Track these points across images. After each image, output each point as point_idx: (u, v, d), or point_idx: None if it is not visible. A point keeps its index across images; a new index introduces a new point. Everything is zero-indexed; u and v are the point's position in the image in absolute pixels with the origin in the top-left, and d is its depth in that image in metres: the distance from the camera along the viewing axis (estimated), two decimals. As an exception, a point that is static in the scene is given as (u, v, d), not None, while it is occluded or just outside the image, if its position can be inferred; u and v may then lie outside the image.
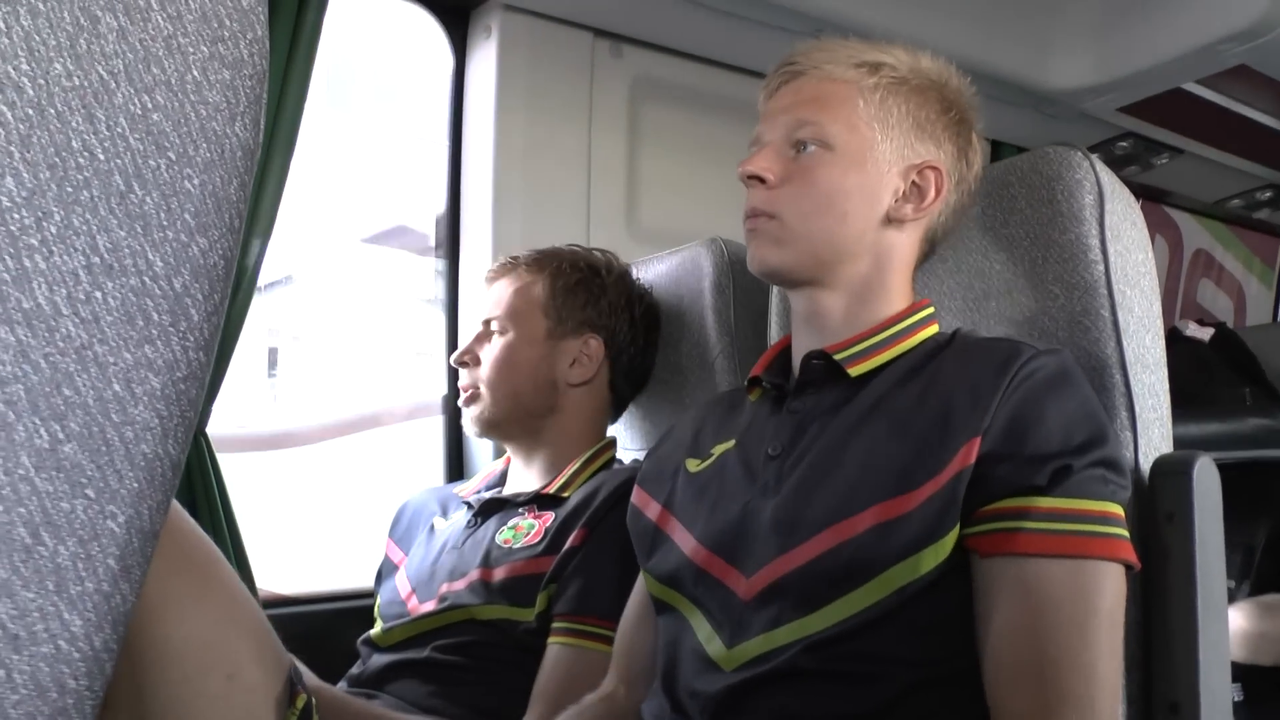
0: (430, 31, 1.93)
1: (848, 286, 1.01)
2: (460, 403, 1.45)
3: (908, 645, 0.87)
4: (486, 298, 1.48)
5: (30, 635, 0.48)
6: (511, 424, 1.42)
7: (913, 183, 1.01)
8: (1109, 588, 0.84)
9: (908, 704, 0.86)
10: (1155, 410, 1.06)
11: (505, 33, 1.87)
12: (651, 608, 1.08)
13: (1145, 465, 1.03)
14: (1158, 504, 1.00)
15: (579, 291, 1.44)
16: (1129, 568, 0.86)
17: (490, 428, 1.42)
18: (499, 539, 1.32)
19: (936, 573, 0.85)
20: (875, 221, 1.00)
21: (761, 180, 1.00)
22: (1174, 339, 2.42)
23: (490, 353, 1.42)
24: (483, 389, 1.41)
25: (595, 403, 1.46)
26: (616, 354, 1.46)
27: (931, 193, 1.02)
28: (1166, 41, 2.14)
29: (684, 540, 1.02)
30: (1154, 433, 1.05)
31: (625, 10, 1.90)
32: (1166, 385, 1.10)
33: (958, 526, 0.85)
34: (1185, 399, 1.40)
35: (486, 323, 1.45)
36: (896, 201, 1.01)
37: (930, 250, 1.07)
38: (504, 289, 1.45)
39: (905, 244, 1.03)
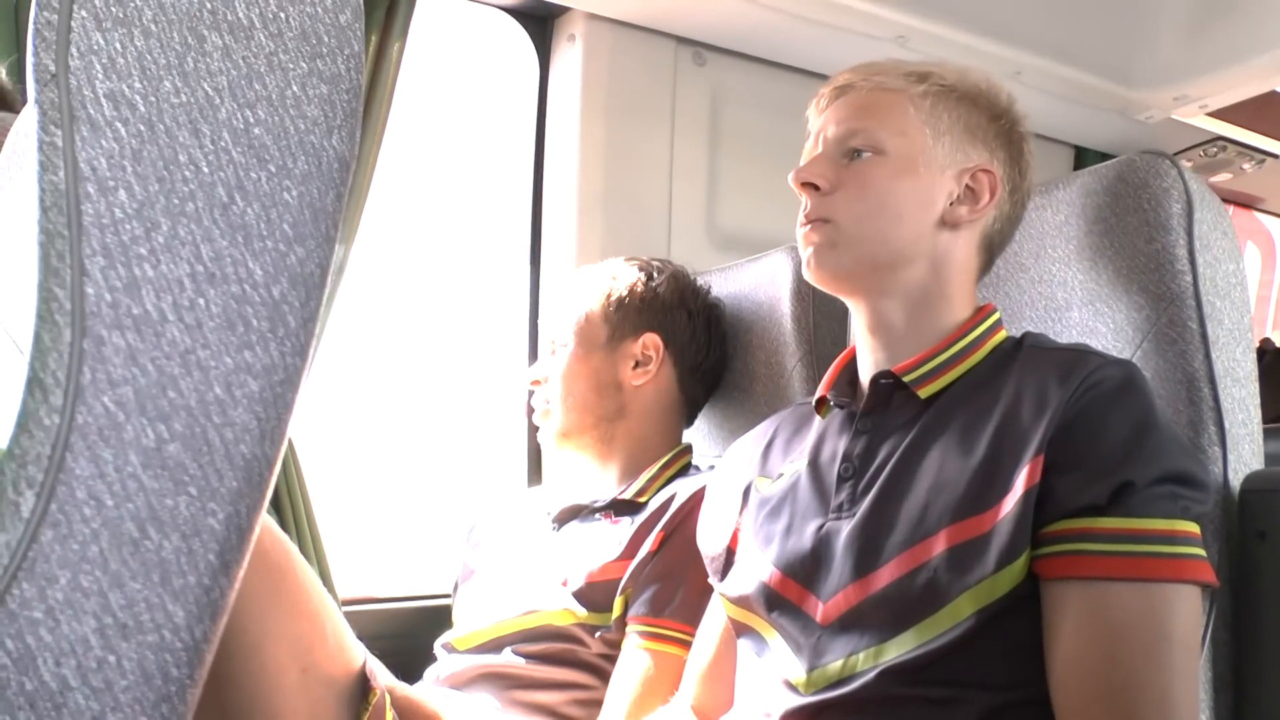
0: (515, 39, 1.96)
1: (906, 293, 1.01)
2: (535, 420, 1.50)
3: (987, 669, 0.85)
4: (552, 324, 1.53)
5: (138, 624, 0.50)
6: (583, 433, 1.45)
7: (966, 186, 1.01)
8: (1181, 610, 0.81)
9: None
10: (1245, 425, 1.03)
11: (589, 40, 1.89)
12: (728, 630, 1.08)
13: (1235, 482, 1.00)
14: (1248, 522, 0.98)
15: (633, 294, 1.47)
16: (1208, 587, 0.84)
17: (564, 438, 1.46)
18: (577, 546, 1.33)
19: (1013, 595, 0.84)
20: (930, 225, 1.00)
21: (815, 187, 1.01)
22: (1267, 352, 2.36)
23: (555, 368, 1.46)
24: (552, 403, 1.45)
25: (665, 402, 1.47)
26: (679, 350, 1.47)
27: (986, 195, 1.01)
28: (1258, 43, 2.08)
29: (758, 562, 1.02)
30: (1244, 448, 1.03)
31: (708, 18, 1.91)
32: (1257, 400, 1.07)
33: (1029, 548, 0.84)
34: (1278, 415, 1.37)
35: (551, 341, 1.50)
36: (951, 205, 1.01)
37: (989, 260, 1.06)
38: (563, 309, 1.50)
39: (962, 248, 1.02)
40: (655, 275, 1.49)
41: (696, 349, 1.50)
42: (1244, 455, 1.02)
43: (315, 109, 0.62)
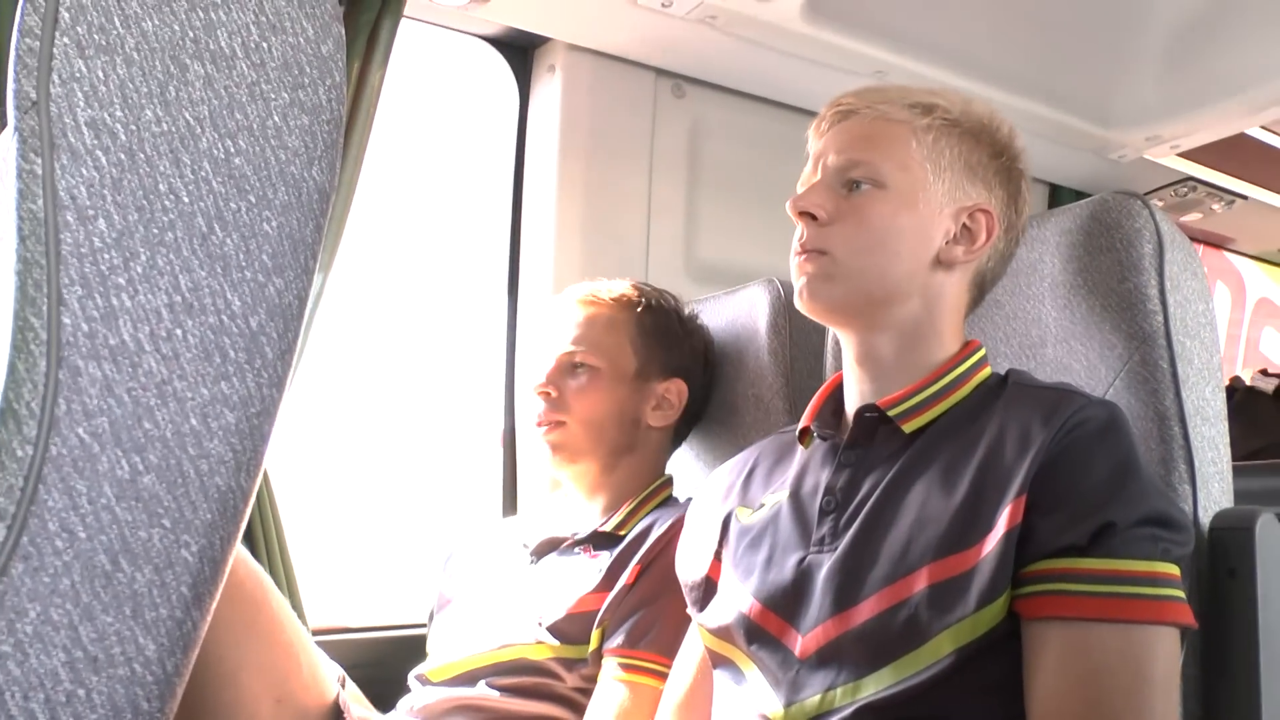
0: (495, 69, 1.97)
1: (898, 328, 1.01)
2: (541, 432, 1.42)
3: (965, 708, 0.85)
4: (563, 326, 1.45)
5: (108, 658, 0.50)
6: (591, 458, 1.41)
7: (964, 225, 1.00)
8: (1161, 652, 0.81)
9: None
10: (1215, 464, 1.04)
11: (569, 71, 1.90)
12: (705, 661, 1.08)
13: (1205, 520, 1.01)
14: (1218, 560, 0.99)
15: (667, 335, 1.45)
16: (1185, 629, 0.83)
17: (572, 456, 1.40)
18: (554, 579, 1.32)
19: (994, 634, 0.83)
20: (926, 262, 1.00)
21: (813, 217, 1.00)
22: (1237, 390, 2.38)
23: (578, 386, 1.41)
24: (569, 420, 1.39)
25: (665, 443, 1.47)
26: (692, 399, 1.47)
27: (982, 236, 1.01)
28: (1229, 85, 2.12)
29: (737, 593, 1.01)
30: (1214, 487, 1.03)
31: (688, 51, 1.92)
32: (1227, 439, 1.08)
33: (1010, 587, 0.83)
34: (1248, 453, 1.38)
35: (570, 354, 1.42)
36: (947, 243, 1.00)
37: (979, 296, 1.07)
38: (589, 322, 1.44)
39: (955, 287, 1.03)
40: (685, 319, 1.48)
41: (703, 399, 1.50)
42: (1213, 493, 1.03)
43: (296, 139, 0.62)
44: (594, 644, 1.24)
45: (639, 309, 1.45)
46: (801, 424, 1.09)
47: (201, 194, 0.58)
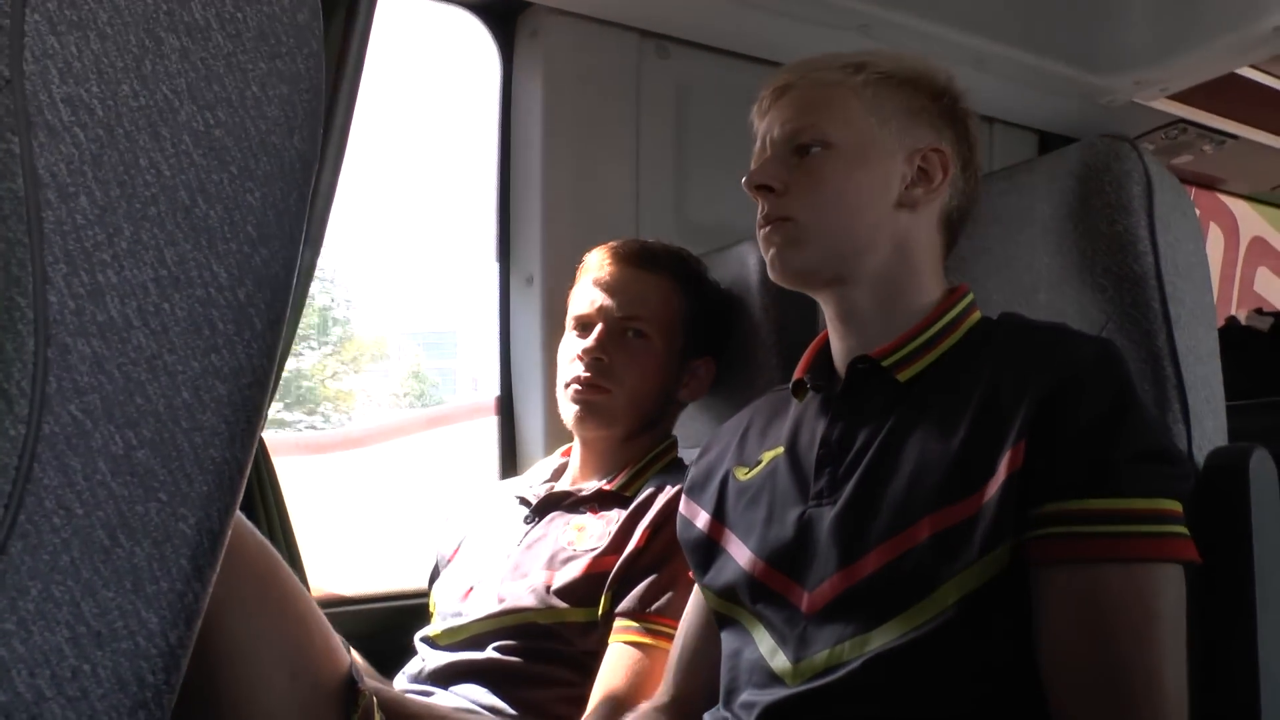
0: (477, 36, 1.95)
1: (873, 280, 1.01)
2: (581, 398, 1.39)
3: (974, 655, 0.85)
4: (613, 288, 1.42)
5: (111, 632, 0.50)
6: (626, 426, 1.41)
7: (919, 168, 1.02)
8: (1168, 590, 0.82)
9: (977, 716, 0.85)
10: (1209, 403, 1.05)
11: (551, 35, 1.88)
12: (710, 621, 1.08)
13: (1199, 459, 1.02)
14: (1213, 499, 0.99)
15: (713, 317, 1.46)
16: (1190, 565, 0.84)
17: (609, 422, 1.39)
18: (563, 540, 1.32)
19: (1000, 580, 0.84)
20: (888, 209, 1.01)
21: (769, 189, 1.02)
22: (1231, 329, 2.39)
23: (633, 357, 1.40)
24: (618, 391, 1.38)
25: (678, 410, 1.50)
26: (715, 374, 1.48)
27: (939, 174, 1.02)
28: (1216, 26, 2.11)
29: (739, 553, 1.02)
30: (1207, 425, 1.04)
31: (671, 11, 1.91)
32: (1220, 377, 1.08)
33: (1014, 532, 0.84)
34: (1243, 391, 1.38)
35: (624, 320, 1.40)
36: (906, 188, 1.01)
37: (951, 239, 1.07)
38: (646, 290, 1.42)
39: (923, 228, 1.03)
40: (727, 301, 1.49)
41: (717, 372, 1.51)
42: (1207, 431, 1.04)
43: (276, 109, 0.62)
44: (604, 607, 1.25)
45: (692, 284, 1.44)
46: (794, 377, 1.09)
47: (183, 167, 0.57)
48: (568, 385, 1.40)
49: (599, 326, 1.40)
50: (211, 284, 0.57)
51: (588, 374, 1.38)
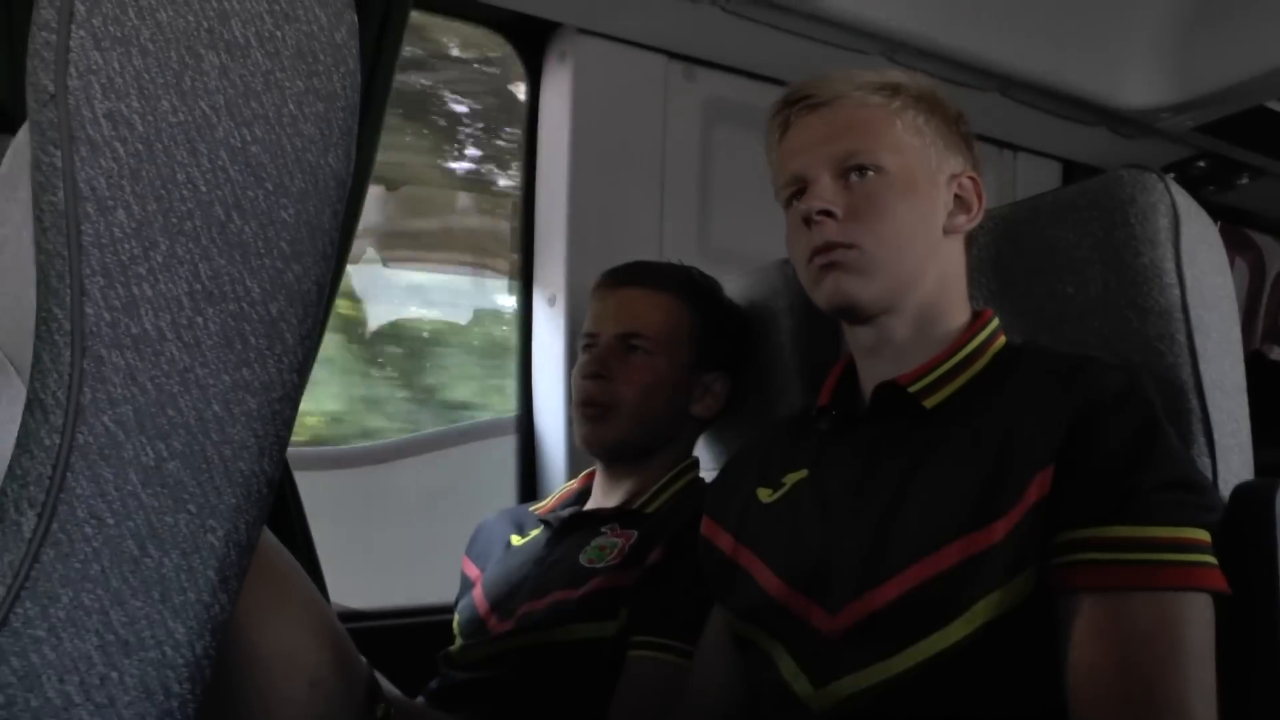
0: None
1: (917, 310, 1.00)
2: (585, 416, 1.40)
3: (998, 682, 0.85)
4: (614, 306, 1.44)
5: (139, 641, 0.51)
6: (637, 447, 1.41)
7: (955, 195, 1.02)
8: (1197, 619, 0.80)
9: None
10: (1235, 436, 1.04)
11: (580, 57, 1.90)
12: (728, 643, 1.07)
13: (1224, 493, 1.01)
14: (1238, 534, 0.98)
15: (724, 331, 1.46)
16: (1219, 595, 0.82)
17: (618, 448, 1.40)
18: (582, 559, 1.32)
19: (1024, 607, 0.83)
20: (937, 238, 1.01)
21: (830, 215, 0.98)
22: (1257, 364, 2.37)
23: (634, 373, 1.39)
24: (620, 408, 1.38)
25: (698, 428, 1.49)
26: (733, 390, 1.48)
27: (975, 200, 1.03)
28: (1246, 58, 2.10)
29: (761, 575, 1.01)
30: (1233, 459, 1.03)
31: (699, 33, 1.92)
32: (1246, 411, 1.07)
33: (1039, 559, 0.83)
34: (1270, 426, 1.37)
35: (624, 337, 1.40)
36: (949, 215, 1.01)
37: (968, 258, 1.08)
38: (647, 307, 1.43)
39: (958, 255, 1.04)
40: (737, 316, 1.49)
41: (737, 387, 1.50)
42: (1233, 465, 1.03)
43: (312, 127, 0.63)
44: (621, 622, 1.25)
45: (702, 302, 1.44)
46: (819, 403, 1.08)
47: (219, 182, 0.58)
48: (576, 405, 1.42)
49: (599, 344, 1.41)
50: (244, 299, 0.57)
51: (589, 390, 1.39)
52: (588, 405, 1.39)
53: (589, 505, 1.46)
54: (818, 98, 1.02)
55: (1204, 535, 0.83)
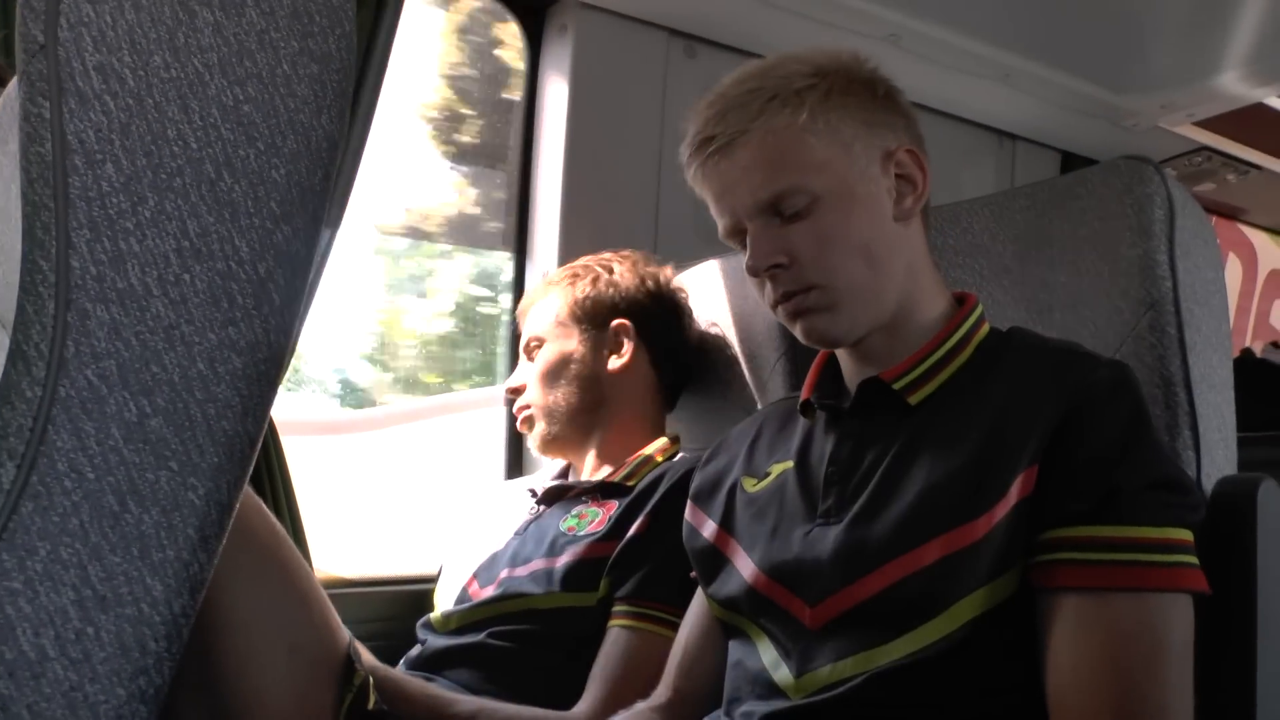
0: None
1: (894, 309, 0.97)
2: (520, 428, 1.51)
3: (978, 677, 0.85)
4: (523, 318, 1.54)
5: (116, 597, 0.50)
6: (569, 432, 1.45)
7: (896, 175, 0.96)
8: (1178, 620, 0.80)
9: None
10: (1220, 431, 1.04)
11: (581, 31, 1.88)
12: (713, 624, 1.07)
13: (1207, 487, 1.01)
14: (1219, 528, 0.99)
15: (596, 288, 1.49)
16: (1200, 595, 0.82)
17: (551, 443, 1.47)
18: (563, 526, 1.34)
19: (1006, 603, 0.83)
20: (890, 231, 0.96)
21: (779, 266, 0.95)
22: (1245, 361, 2.38)
23: (532, 372, 1.48)
24: (533, 408, 1.46)
25: (642, 388, 1.48)
26: (649, 332, 1.48)
27: (918, 174, 0.97)
28: (1246, 55, 2.10)
29: (744, 565, 1.01)
30: (1218, 454, 1.03)
31: (700, 11, 1.91)
32: (1233, 406, 1.07)
33: (1023, 556, 0.82)
34: (1255, 424, 1.38)
35: (526, 349, 1.51)
36: (896, 201, 0.96)
37: (929, 230, 1.03)
38: (534, 314, 1.52)
39: (919, 236, 1.00)
40: (614, 267, 1.51)
41: (665, 329, 1.50)
42: (1217, 460, 1.03)
43: (305, 88, 0.62)
44: (602, 592, 1.25)
45: (569, 278, 1.50)
46: (802, 396, 1.07)
47: (210, 140, 0.58)
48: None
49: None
50: (232, 258, 0.57)
51: (515, 408, 1.52)
52: (519, 422, 1.51)
53: (571, 478, 1.47)
54: (719, 139, 0.97)
55: (1187, 535, 0.82)
